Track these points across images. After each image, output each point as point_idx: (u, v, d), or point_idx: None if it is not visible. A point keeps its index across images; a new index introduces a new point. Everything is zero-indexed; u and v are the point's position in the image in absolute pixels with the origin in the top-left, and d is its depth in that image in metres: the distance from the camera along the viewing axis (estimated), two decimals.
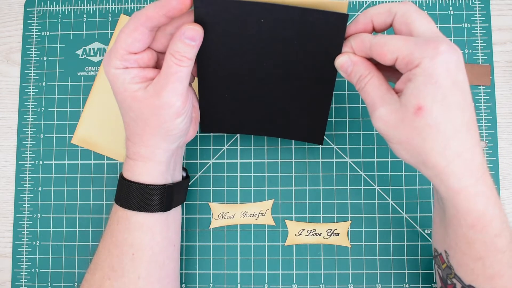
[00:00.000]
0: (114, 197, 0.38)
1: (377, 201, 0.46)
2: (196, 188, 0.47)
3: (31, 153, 0.48)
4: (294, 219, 0.46)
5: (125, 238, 0.37)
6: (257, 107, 0.40)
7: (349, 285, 0.45)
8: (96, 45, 0.49)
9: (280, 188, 0.47)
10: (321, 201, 0.46)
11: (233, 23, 0.33)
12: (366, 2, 0.49)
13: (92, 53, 0.49)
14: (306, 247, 0.46)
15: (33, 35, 0.50)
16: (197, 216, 0.47)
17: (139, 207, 0.36)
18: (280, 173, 0.47)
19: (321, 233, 0.46)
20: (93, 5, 0.50)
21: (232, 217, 0.47)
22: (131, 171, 0.37)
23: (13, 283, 0.47)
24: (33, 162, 0.48)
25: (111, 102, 0.48)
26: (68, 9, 0.50)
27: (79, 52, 0.49)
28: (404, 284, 0.45)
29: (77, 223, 0.47)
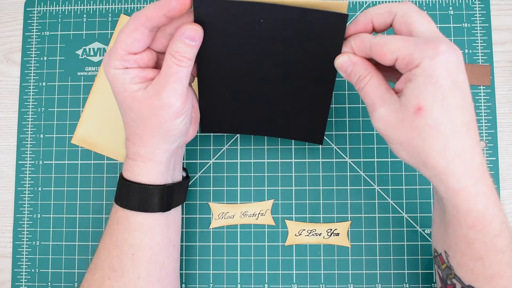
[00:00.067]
0: (114, 197, 0.38)
1: (377, 201, 0.46)
2: (196, 188, 0.47)
3: (31, 153, 0.48)
4: (294, 219, 0.46)
5: (125, 238, 0.37)
6: (257, 107, 0.40)
7: (349, 285, 0.45)
8: (96, 45, 0.49)
9: (280, 188, 0.47)
10: (321, 201, 0.46)
11: (232, 23, 0.33)
12: (366, 2, 0.49)
13: (92, 53, 0.49)
14: (306, 247, 0.46)
15: (33, 35, 0.50)
16: (197, 216, 0.47)
17: (139, 207, 0.36)
18: (280, 173, 0.47)
19: (321, 233, 0.46)
20: (93, 5, 0.50)
21: (232, 217, 0.47)
22: (131, 171, 0.37)
23: (13, 283, 0.47)
24: (33, 162, 0.48)
25: (111, 102, 0.48)
26: (68, 9, 0.50)
27: (79, 52, 0.49)
28: (404, 284, 0.45)
29: (77, 223, 0.47)
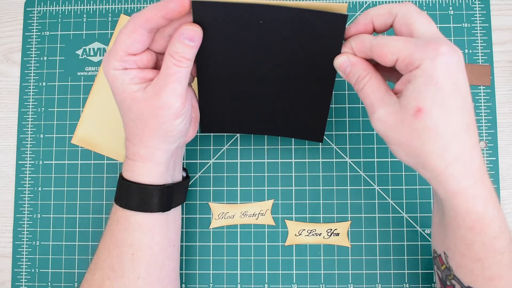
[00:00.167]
0: (114, 197, 0.38)
1: (377, 201, 0.46)
2: (196, 188, 0.47)
3: (31, 153, 0.48)
4: (294, 219, 0.46)
5: (124, 238, 0.37)
6: (257, 107, 0.40)
7: (349, 285, 0.46)
8: (96, 45, 0.49)
9: (280, 188, 0.47)
10: (321, 201, 0.46)
11: (232, 24, 0.33)
12: (366, 2, 0.49)
13: (92, 53, 0.49)
14: (306, 247, 0.46)
15: (33, 35, 0.50)
16: (197, 216, 0.47)
17: (138, 207, 0.37)
18: (280, 173, 0.47)
19: (321, 233, 0.46)
20: (93, 5, 0.50)
21: (232, 217, 0.47)
22: (130, 171, 0.37)
23: (13, 283, 0.47)
24: (33, 162, 0.48)
25: (111, 102, 0.47)
26: (68, 9, 0.50)
27: (79, 52, 0.49)
28: (404, 284, 0.45)
29: (77, 223, 0.47)
